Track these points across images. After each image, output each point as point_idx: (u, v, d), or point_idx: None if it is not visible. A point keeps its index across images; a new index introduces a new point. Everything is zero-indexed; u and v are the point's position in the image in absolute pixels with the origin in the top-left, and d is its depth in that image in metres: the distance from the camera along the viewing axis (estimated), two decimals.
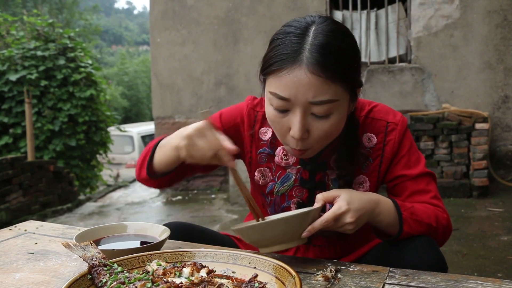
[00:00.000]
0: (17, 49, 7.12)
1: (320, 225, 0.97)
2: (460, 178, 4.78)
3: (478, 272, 2.77)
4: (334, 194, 1.01)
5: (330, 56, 0.97)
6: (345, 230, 1.00)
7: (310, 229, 0.97)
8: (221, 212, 4.87)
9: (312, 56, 0.97)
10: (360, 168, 1.17)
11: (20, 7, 19.74)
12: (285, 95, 0.99)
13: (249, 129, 1.25)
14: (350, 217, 0.97)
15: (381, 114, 1.18)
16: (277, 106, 1.02)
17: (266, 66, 1.03)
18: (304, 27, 1.01)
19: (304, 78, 0.96)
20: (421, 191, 1.13)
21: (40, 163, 5.76)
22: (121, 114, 18.52)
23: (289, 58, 0.98)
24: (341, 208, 0.97)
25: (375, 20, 5.59)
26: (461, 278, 0.88)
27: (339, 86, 0.99)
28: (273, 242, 0.98)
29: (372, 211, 1.02)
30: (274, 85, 1.01)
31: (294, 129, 1.01)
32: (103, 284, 0.77)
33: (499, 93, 5.15)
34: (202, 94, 6.13)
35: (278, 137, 1.09)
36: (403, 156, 1.16)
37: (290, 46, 0.99)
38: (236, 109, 1.27)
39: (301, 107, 0.99)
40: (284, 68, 0.98)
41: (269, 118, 1.07)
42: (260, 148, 1.24)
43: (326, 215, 0.97)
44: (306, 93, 0.97)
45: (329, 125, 1.02)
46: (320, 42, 0.98)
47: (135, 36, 50.89)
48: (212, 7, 6.00)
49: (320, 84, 0.97)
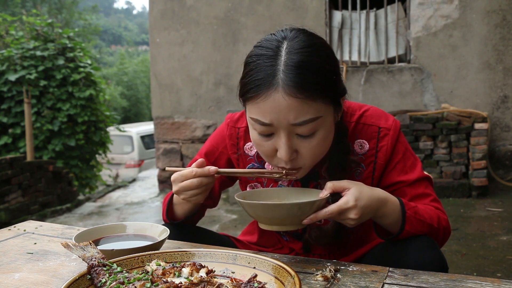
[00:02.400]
0: (16, 49, 7.12)
1: (323, 216, 0.96)
2: (459, 178, 4.78)
3: (477, 272, 2.77)
4: (344, 185, 0.99)
5: (305, 74, 0.94)
6: (346, 223, 0.99)
7: (312, 218, 0.96)
8: (220, 212, 4.87)
9: (287, 78, 0.93)
10: (353, 175, 1.16)
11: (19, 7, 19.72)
12: (267, 120, 0.96)
13: (232, 149, 1.25)
14: (355, 214, 0.96)
15: (372, 119, 1.15)
16: (261, 131, 1.00)
17: (243, 92, 1.00)
18: (275, 46, 0.97)
19: (282, 101, 0.93)
20: (421, 195, 1.13)
21: (39, 163, 5.75)
22: (121, 114, 18.51)
23: (264, 83, 0.94)
24: (348, 203, 0.96)
25: (374, 20, 5.59)
26: (460, 278, 0.89)
27: (320, 102, 0.96)
28: (274, 222, 0.99)
29: (378, 210, 1.01)
30: (254, 112, 0.98)
31: (282, 152, 0.99)
32: (102, 284, 0.77)
33: (498, 93, 5.15)
34: (201, 94, 6.13)
35: (265, 159, 1.07)
36: (398, 162, 1.14)
37: (263, 70, 0.95)
38: (217, 136, 1.28)
39: (285, 130, 0.97)
40: (261, 94, 0.95)
41: (255, 142, 1.05)
42: (248, 164, 1.23)
43: (331, 207, 0.96)
44: (287, 116, 0.95)
45: (316, 142, 1.00)
46: (294, 61, 0.94)
47: (134, 36, 50.85)
48: (211, 7, 6.00)
49: (299, 105, 0.94)
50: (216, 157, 1.26)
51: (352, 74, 5.44)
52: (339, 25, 5.61)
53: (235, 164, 1.25)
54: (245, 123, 1.23)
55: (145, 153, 11.23)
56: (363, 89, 5.37)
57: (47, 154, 6.88)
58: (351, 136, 1.15)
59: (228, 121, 1.27)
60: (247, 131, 1.21)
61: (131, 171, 10.56)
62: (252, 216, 1.03)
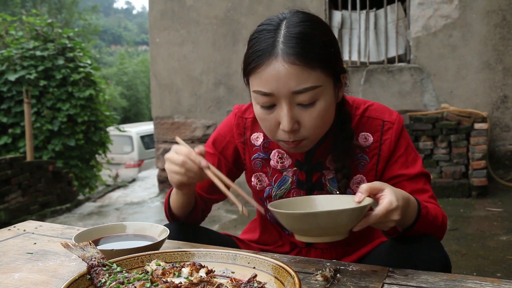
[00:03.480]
0: (16, 49, 7.12)
1: (374, 220, 0.91)
2: (459, 178, 4.78)
3: (477, 272, 2.77)
4: (379, 187, 0.94)
5: (304, 43, 0.98)
6: (386, 226, 0.95)
7: (362, 224, 0.91)
8: (220, 212, 4.87)
9: (286, 47, 0.98)
10: (357, 168, 1.17)
11: (19, 7, 19.72)
12: (267, 90, 1.00)
13: (239, 138, 1.26)
14: (398, 215, 0.92)
15: (377, 113, 1.18)
16: (263, 103, 1.03)
17: (245, 66, 1.05)
18: (276, 22, 1.03)
19: (282, 69, 0.98)
20: (420, 190, 1.13)
21: (39, 163, 5.75)
22: (120, 114, 18.50)
23: (264, 53, 1.00)
24: (392, 204, 0.91)
25: (374, 20, 5.59)
26: (460, 278, 0.89)
27: (319, 71, 1.00)
28: (315, 233, 0.91)
29: (406, 209, 0.97)
30: (256, 83, 1.03)
31: (284, 122, 1.02)
32: (102, 284, 0.77)
33: (498, 93, 5.15)
34: (201, 94, 6.13)
35: (269, 135, 1.09)
36: (401, 155, 1.16)
37: (264, 42, 1.01)
38: (225, 126, 1.30)
39: (286, 99, 1.00)
40: (262, 64, 1.00)
41: (258, 117, 1.08)
42: (254, 154, 1.25)
43: (379, 210, 0.91)
44: (287, 84, 0.98)
45: (317, 112, 1.02)
46: (293, 32, 1.00)
47: (134, 36, 50.83)
48: (211, 7, 6.00)
49: (299, 72, 0.98)
50: (223, 146, 1.28)
51: (352, 74, 5.43)
52: (339, 25, 5.61)
53: (241, 154, 1.27)
54: (252, 114, 1.24)
55: (145, 153, 11.23)
56: (363, 89, 5.37)
57: (47, 154, 6.88)
58: (356, 128, 1.17)
59: (236, 111, 1.30)
60: (254, 121, 1.24)
61: (131, 171, 10.56)
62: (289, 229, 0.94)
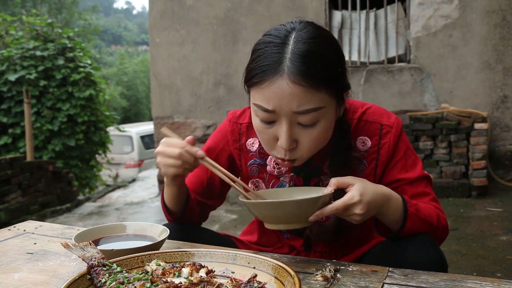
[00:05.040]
0: (16, 49, 7.12)
1: (329, 212, 0.96)
2: (459, 178, 4.78)
3: (477, 272, 2.77)
4: (349, 181, 0.98)
5: (311, 64, 0.95)
6: (351, 219, 0.99)
7: (318, 214, 0.96)
8: (220, 212, 4.87)
9: (293, 65, 0.95)
10: (355, 172, 1.16)
11: (19, 7, 19.72)
12: (269, 107, 0.98)
13: (234, 144, 1.25)
14: (360, 209, 0.96)
15: (375, 117, 1.16)
16: (263, 118, 1.01)
17: (248, 78, 1.02)
18: (284, 35, 1.00)
19: (286, 88, 0.95)
20: (421, 194, 1.13)
21: (39, 163, 5.75)
22: (120, 114, 18.51)
23: (270, 69, 0.96)
24: (353, 198, 0.95)
25: (374, 20, 5.59)
26: (460, 278, 0.89)
27: (323, 93, 0.97)
28: (280, 221, 0.98)
29: (382, 206, 1.00)
30: (258, 98, 1.00)
31: (282, 140, 1.00)
32: (102, 284, 0.77)
33: (498, 93, 5.15)
34: (201, 94, 6.13)
35: (265, 148, 1.08)
36: (400, 159, 1.15)
37: (270, 57, 0.98)
38: (218, 133, 1.29)
39: (287, 117, 0.98)
40: (266, 80, 0.97)
41: (256, 129, 1.06)
42: (250, 159, 1.24)
43: (336, 203, 0.96)
44: (290, 104, 0.96)
45: (317, 133, 1.01)
46: (301, 50, 0.96)
47: (134, 36, 50.84)
48: (211, 7, 6.00)
49: (303, 93, 0.95)
50: (217, 154, 1.27)
51: (352, 74, 5.43)
52: (339, 25, 5.60)
53: (237, 160, 1.26)
54: (247, 119, 1.24)
55: (145, 153, 11.23)
56: (363, 89, 5.37)
57: (47, 154, 6.88)
58: (354, 133, 1.15)
59: (230, 117, 1.28)
60: (249, 127, 1.23)
61: (131, 171, 10.56)
62: (257, 216, 1.03)
